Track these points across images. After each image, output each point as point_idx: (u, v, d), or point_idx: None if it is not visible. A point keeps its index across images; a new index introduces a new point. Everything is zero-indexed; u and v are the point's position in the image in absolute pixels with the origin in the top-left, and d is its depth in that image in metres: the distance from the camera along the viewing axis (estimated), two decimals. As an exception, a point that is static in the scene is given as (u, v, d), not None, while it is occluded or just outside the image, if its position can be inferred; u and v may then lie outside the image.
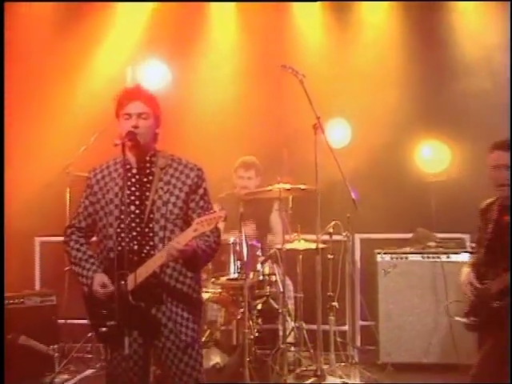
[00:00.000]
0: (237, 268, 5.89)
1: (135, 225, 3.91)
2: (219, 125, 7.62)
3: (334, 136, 6.96)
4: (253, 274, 5.99)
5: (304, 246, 6.18)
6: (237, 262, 5.88)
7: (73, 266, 4.07)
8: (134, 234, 3.90)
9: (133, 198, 3.95)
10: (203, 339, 5.76)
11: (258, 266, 6.08)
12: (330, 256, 6.31)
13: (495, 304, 4.46)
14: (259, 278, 6.08)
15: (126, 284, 3.73)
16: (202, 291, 4.25)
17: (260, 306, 6.20)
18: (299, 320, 6.30)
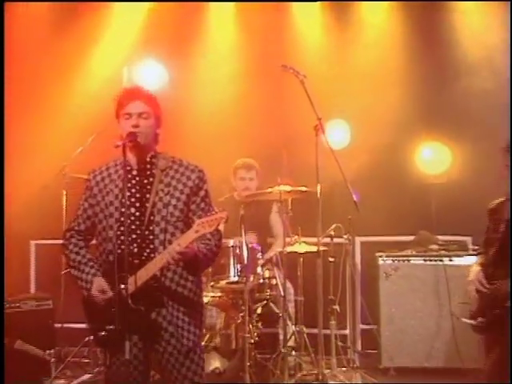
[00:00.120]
0: (237, 271, 5.83)
1: (135, 227, 3.87)
2: (218, 126, 7.59)
3: (333, 137, 6.89)
4: (253, 277, 5.92)
5: (305, 248, 6.11)
6: (237, 265, 5.83)
7: (72, 269, 4.03)
8: (134, 236, 3.86)
9: (133, 199, 3.91)
10: (202, 344, 5.68)
11: (259, 269, 6.02)
12: (331, 259, 6.26)
13: (506, 304, 4.39)
14: (259, 281, 6.03)
15: (127, 288, 3.68)
16: (202, 295, 4.20)
17: (260, 310, 6.14)
18: (300, 324, 6.24)
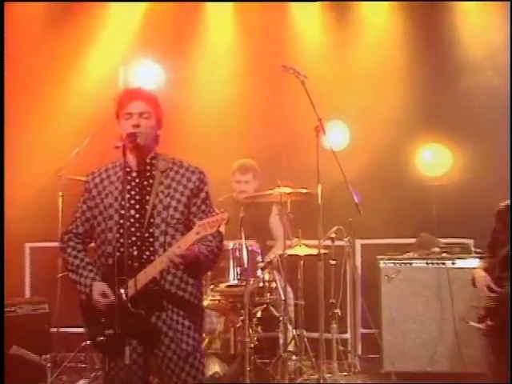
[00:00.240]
0: (236, 274, 5.77)
1: (135, 229, 3.84)
2: (217, 127, 7.55)
3: (333, 138, 6.82)
4: (253, 280, 5.85)
5: (305, 251, 6.04)
6: (237, 268, 5.77)
7: (70, 273, 3.99)
8: (133, 239, 3.83)
9: (133, 201, 3.88)
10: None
11: (259, 272, 5.95)
12: (332, 262, 6.20)
13: None
14: (259, 284, 5.96)
15: (127, 292, 3.65)
16: (203, 298, 4.19)
17: (260, 314, 6.08)
18: (300, 328, 6.17)
